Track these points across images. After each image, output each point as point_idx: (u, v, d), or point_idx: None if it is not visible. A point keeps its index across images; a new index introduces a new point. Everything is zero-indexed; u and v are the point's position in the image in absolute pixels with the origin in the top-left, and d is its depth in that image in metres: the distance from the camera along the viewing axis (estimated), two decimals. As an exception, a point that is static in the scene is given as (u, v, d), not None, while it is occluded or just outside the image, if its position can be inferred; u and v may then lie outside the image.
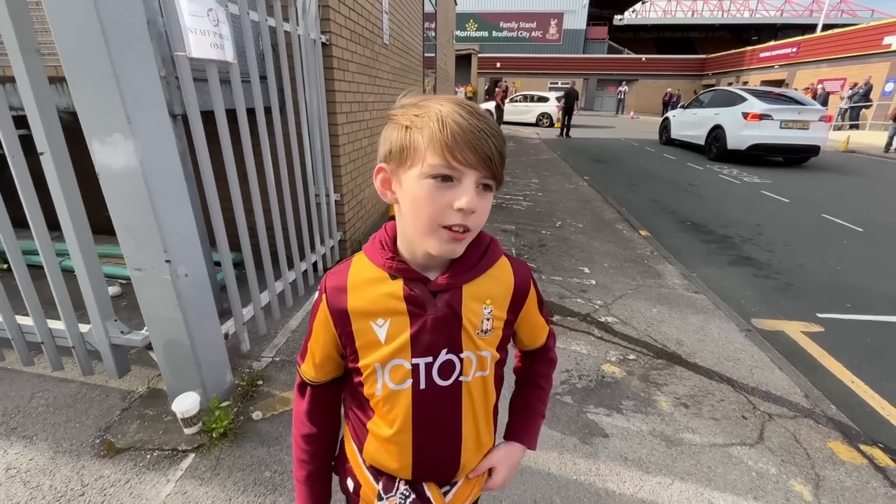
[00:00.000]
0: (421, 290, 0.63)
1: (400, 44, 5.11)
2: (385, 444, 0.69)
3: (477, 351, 0.67)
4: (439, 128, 0.54)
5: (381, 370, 0.66)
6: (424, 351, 0.65)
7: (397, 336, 0.64)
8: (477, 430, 0.72)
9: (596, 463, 1.72)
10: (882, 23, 16.81)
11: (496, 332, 0.69)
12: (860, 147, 12.11)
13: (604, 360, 2.41)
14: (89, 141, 1.43)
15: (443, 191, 0.55)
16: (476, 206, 0.56)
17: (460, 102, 0.57)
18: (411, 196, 0.58)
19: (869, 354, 2.66)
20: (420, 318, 0.64)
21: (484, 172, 0.56)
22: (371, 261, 0.66)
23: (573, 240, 4.39)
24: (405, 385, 0.66)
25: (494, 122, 0.57)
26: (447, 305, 0.64)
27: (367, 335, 0.65)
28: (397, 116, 0.59)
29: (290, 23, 2.48)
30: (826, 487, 1.66)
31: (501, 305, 0.69)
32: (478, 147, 0.54)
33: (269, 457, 1.68)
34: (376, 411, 0.69)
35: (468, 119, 0.54)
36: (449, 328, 0.64)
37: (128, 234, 1.57)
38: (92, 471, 1.59)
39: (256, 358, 2.29)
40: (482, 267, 0.67)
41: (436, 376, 0.66)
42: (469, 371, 0.67)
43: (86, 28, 1.29)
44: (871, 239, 4.78)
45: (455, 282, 0.64)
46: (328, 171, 3.14)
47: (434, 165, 0.54)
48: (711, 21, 31.35)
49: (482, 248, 0.68)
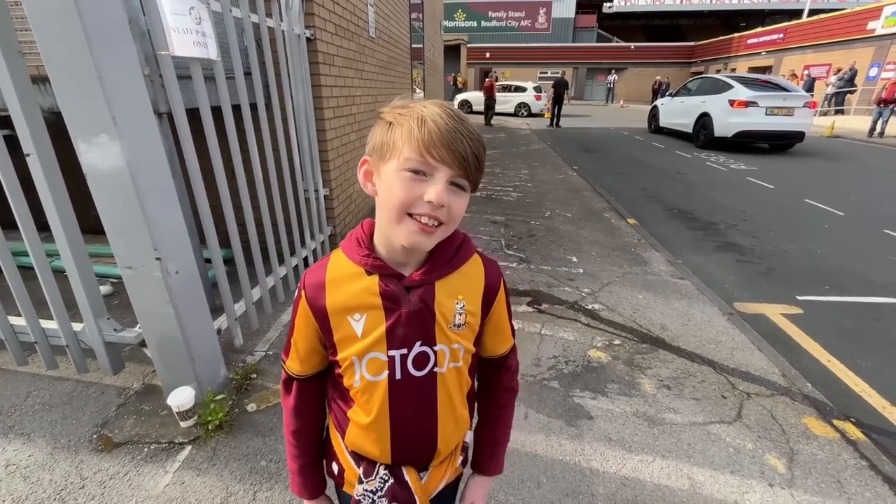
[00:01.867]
0: (395, 286, 0.67)
1: (386, 36, 5.09)
2: (364, 431, 0.73)
3: (450, 344, 0.71)
4: (418, 126, 0.58)
5: (358, 363, 0.69)
6: (399, 344, 0.68)
7: (373, 330, 0.68)
8: (454, 415, 0.76)
9: (581, 444, 1.79)
10: (866, 8, 16.93)
11: (471, 326, 0.73)
12: (845, 132, 12.28)
13: (590, 345, 2.48)
14: (76, 142, 1.44)
15: (416, 183, 0.59)
16: (445, 201, 0.59)
17: (444, 106, 0.60)
18: (387, 186, 0.61)
19: (845, 334, 2.76)
20: (395, 313, 0.67)
21: (457, 171, 0.59)
22: (348, 257, 0.69)
23: (562, 229, 4.45)
24: (381, 376, 0.70)
25: (474, 128, 0.60)
26: (420, 300, 0.67)
27: (345, 329, 0.69)
28: (384, 114, 0.63)
29: (273, 18, 2.47)
30: (799, 460, 1.74)
31: (474, 301, 0.73)
32: (452, 146, 0.57)
33: (264, 446, 1.72)
34: (356, 401, 0.73)
35: (447, 120, 0.58)
36: (422, 322, 0.68)
37: (117, 234, 1.59)
38: (91, 465, 1.62)
39: (250, 352, 2.33)
40: (455, 264, 0.70)
41: (410, 367, 0.70)
42: (443, 363, 0.71)
43: (67, 28, 1.30)
44: (851, 223, 4.89)
45: (428, 278, 0.68)
46: (316, 166, 3.15)
47: (409, 159, 0.58)
48: (700, 7, 31.29)
49: (455, 246, 0.71)
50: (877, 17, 15.81)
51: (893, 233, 4.54)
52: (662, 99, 12.78)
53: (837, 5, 23.60)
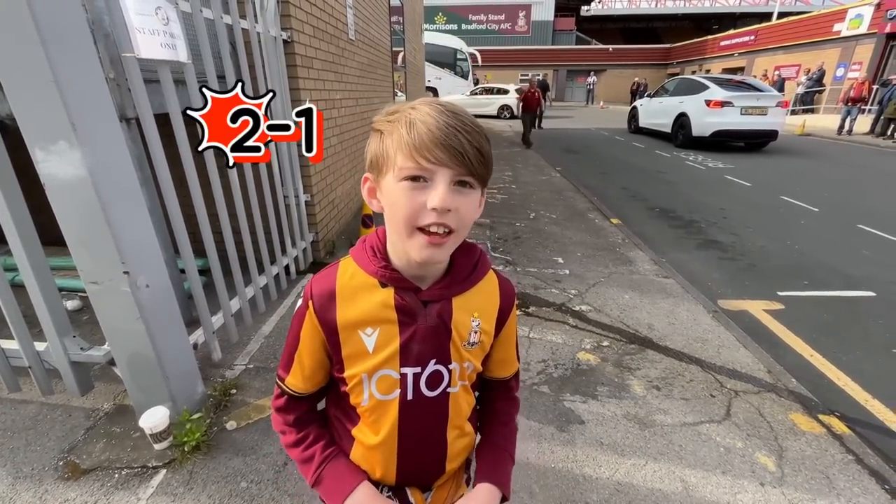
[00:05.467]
0: (412, 300, 0.63)
1: (367, 39, 5.03)
2: (371, 452, 0.68)
3: (462, 362, 0.68)
4: (407, 130, 0.54)
5: (367, 380, 0.65)
6: (414, 361, 0.64)
7: (386, 346, 0.63)
8: (462, 434, 0.73)
9: (573, 449, 1.76)
10: (831, 10, 17.60)
11: (483, 345, 0.69)
12: (815, 130, 12.70)
13: (579, 348, 2.46)
14: (31, 150, 1.35)
15: (416, 192, 0.54)
16: (451, 204, 0.54)
17: (433, 103, 0.56)
18: (390, 201, 0.57)
19: (825, 329, 2.81)
20: (410, 328, 0.63)
21: (457, 170, 0.54)
22: (361, 267, 0.64)
23: (547, 231, 4.45)
24: (392, 395, 0.65)
25: (471, 118, 0.56)
26: (438, 316, 0.64)
27: (355, 345, 0.64)
28: (375, 124, 0.59)
29: (247, 20, 2.40)
30: (788, 457, 1.75)
31: (489, 319, 0.69)
32: (447, 144, 0.52)
33: (244, 467, 1.64)
34: (363, 419, 0.68)
35: (437, 118, 0.53)
36: (438, 339, 0.64)
37: (81, 247, 1.49)
38: (56, 495, 1.52)
39: (229, 366, 2.23)
40: (473, 280, 0.67)
41: (424, 388, 0.66)
42: (456, 382, 0.68)
43: (18, 29, 1.21)
44: (826, 218, 5.03)
45: (447, 293, 0.64)
46: (296, 172, 3.07)
47: (404, 168, 0.54)
48: (674, 11, 32.08)
49: (473, 261, 0.67)
50: (842, 20, 16.43)
51: (866, 227, 4.67)
52: (641, 100, 13.01)
53: (803, 7, 24.49)
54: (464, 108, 0.58)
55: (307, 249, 3.31)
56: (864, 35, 15.58)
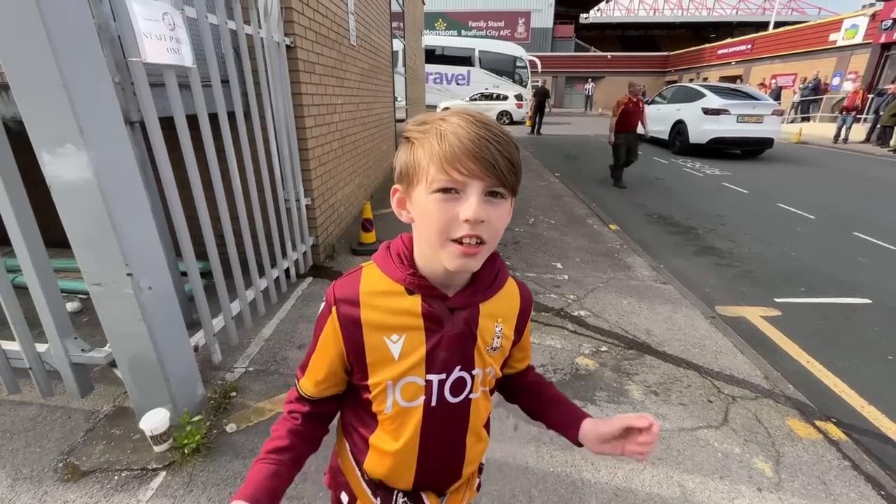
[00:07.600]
0: (439, 307, 0.63)
1: (368, 44, 5.07)
2: (388, 458, 0.68)
3: (484, 367, 0.69)
4: (438, 142, 0.54)
5: (392, 387, 0.65)
6: (440, 368, 0.65)
7: (412, 352, 0.63)
8: (479, 440, 0.74)
9: (572, 454, 1.77)
10: (827, 20, 17.79)
11: (503, 350, 0.71)
12: (812, 138, 12.80)
13: (577, 353, 2.47)
14: (38, 152, 1.36)
15: (449, 204, 0.55)
16: (483, 216, 0.54)
17: (463, 114, 0.56)
18: (421, 212, 0.58)
19: (822, 335, 2.83)
20: (436, 335, 0.63)
21: (489, 181, 0.54)
22: (387, 274, 0.64)
23: (546, 236, 4.47)
24: (417, 402, 0.66)
25: (500, 128, 0.56)
26: (464, 323, 0.65)
27: (380, 352, 0.64)
28: (406, 132, 0.60)
29: (251, 25, 2.42)
30: (785, 463, 1.76)
31: (510, 324, 0.71)
32: (478, 156, 0.53)
33: (244, 469, 1.64)
34: (381, 426, 0.68)
35: (468, 129, 0.53)
36: (464, 345, 0.65)
37: (85, 249, 1.50)
38: (55, 497, 1.51)
39: (229, 369, 2.23)
40: (496, 287, 0.69)
41: (447, 394, 0.67)
42: (478, 388, 0.69)
43: (29, 33, 1.23)
44: (821, 225, 5.07)
45: (474, 300, 0.66)
46: (297, 175, 3.09)
47: (436, 180, 0.54)
48: (672, 19, 32.44)
49: (496, 269, 0.69)
50: (837, 30, 16.61)
51: (862, 235, 4.71)
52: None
53: (800, 17, 24.76)
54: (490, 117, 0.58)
55: (307, 253, 3.33)
56: (860, 45, 15.76)
